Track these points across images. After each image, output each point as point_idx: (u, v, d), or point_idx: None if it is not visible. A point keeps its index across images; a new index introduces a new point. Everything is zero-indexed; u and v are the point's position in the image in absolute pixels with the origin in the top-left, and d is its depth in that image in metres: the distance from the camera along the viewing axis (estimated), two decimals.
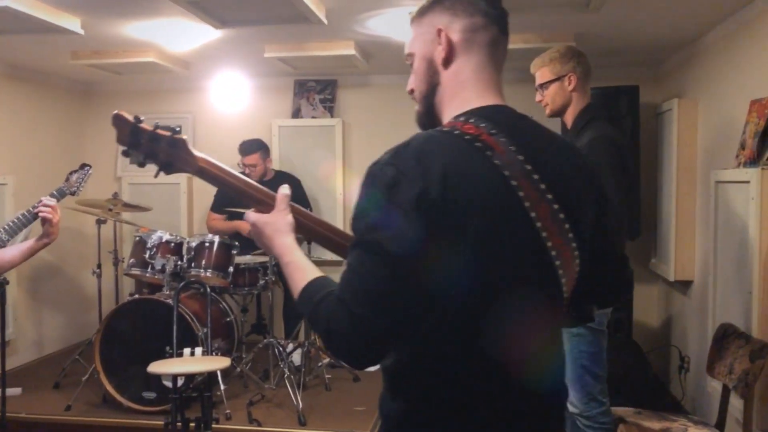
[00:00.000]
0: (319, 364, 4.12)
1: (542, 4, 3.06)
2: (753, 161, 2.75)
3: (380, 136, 4.97)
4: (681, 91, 4.02)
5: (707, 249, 3.32)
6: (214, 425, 3.08)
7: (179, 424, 2.97)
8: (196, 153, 1.30)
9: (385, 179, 1.04)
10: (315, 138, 5.00)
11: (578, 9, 3.08)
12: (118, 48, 3.98)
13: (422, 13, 1.23)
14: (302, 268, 1.19)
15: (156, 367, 2.99)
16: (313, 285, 1.14)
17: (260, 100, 5.10)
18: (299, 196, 4.64)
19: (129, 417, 3.46)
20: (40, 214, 2.50)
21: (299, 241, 1.28)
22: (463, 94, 1.19)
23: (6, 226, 2.56)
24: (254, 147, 4.41)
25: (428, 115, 1.23)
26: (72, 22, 3.26)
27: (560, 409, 1.23)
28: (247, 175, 4.37)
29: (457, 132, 1.10)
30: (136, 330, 3.59)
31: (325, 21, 3.20)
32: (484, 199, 1.06)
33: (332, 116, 4.99)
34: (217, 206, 4.56)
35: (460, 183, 1.04)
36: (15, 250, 2.58)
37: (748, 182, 2.67)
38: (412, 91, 1.26)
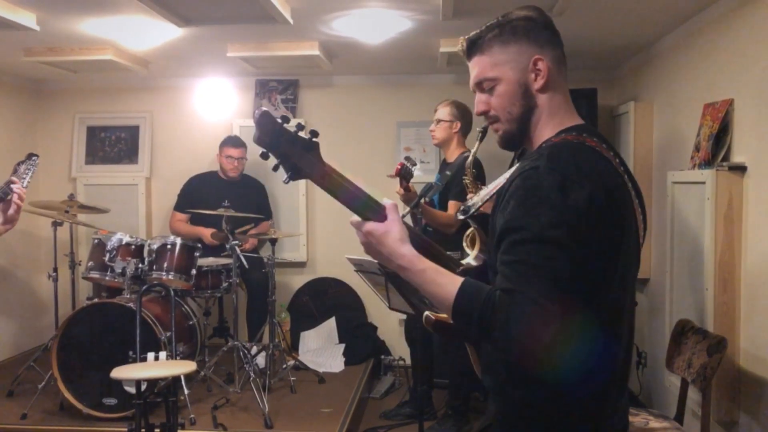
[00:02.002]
0: (284, 366, 4.09)
1: (505, 6, 3.11)
2: (707, 163, 2.86)
3: (343, 137, 4.96)
4: (637, 94, 4.15)
5: (663, 248, 3.44)
6: (179, 430, 3.03)
7: (143, 430, 2.91)
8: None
9: (554, 183, 1.15)
10: None
11: None
12: (74, 45, 3.87)
13: (503, 42, 1.33)
14: (442, 271, 1.23)
15: (120, 373, 2.92)
16: (470, 286, 1.18)
17: (221, 100, 5.03)
18: (262, 202, 4.61)
19: (89, 424, 3.36)
20: (15, 203, 2.45)
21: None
22: (560, 114, 1.34)
23: None
24: (242, 142, 4.50)
25: (521, 133, 1.35)
26: (27, 18, 3.16)
27: None
28: (235, 168, 4.39)
29: (588, 145, 1.24)
30: (95, 335, 3.49)
31: (291, 21, 3.18)
32: (625, 203, 1.24)
33: (294, 116, 4.96)
34: (181, 206, 4.49)
35: (613, 189, 1.20)
36: None
37: (703, 183, 2.77)
38: (485, 113, 1.36)
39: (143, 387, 2.94)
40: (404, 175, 3.04)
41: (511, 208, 1.17)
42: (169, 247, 3.82)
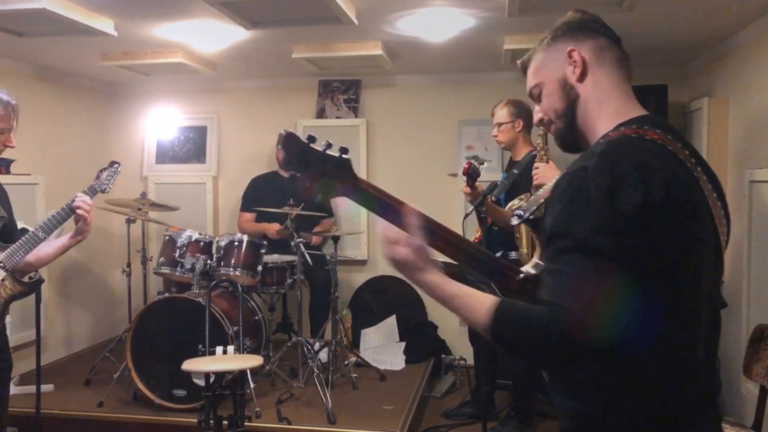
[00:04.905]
0: (346, 362, 4.14)
1: (575, 2, 3.04)
2: None
3: (404, 136, 4.98)
4: (711, 89, 3.98)
5: (739, 249, 3.29)
6: (245, 423, 3.10)
7: (212, 421, 3.00)
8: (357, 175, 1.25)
9: (602, 185, 1.06)
10: (339, 138, 4.93)
11: (611, 8, 3.06)
12: (147, 49, 4.02)
13: (544, 48, 1.32)
14: (470, 294, 1.18)
15: (190, 365, 3.02)
16: (505, 305, 1.12)
17: (285, 101, 5.13)
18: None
19: (161, 414, 3.49)
20: (78, 211, 2.53)
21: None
22: (612, 103, 1.25)
23: (43, 224, 2.57)
24: None
25: (571, 130, 1.30)
26: (105, 24, 3.30)
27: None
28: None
29: (648, 138, 1.15)
30: (166, 328, 3.60)
31: (356, 21, 3.21)
32: (693, 200, 1.15)
33: (356, 116, 5.00)
34: (247, 205, 4.61)
35: (676, 187, 1.10)
36: (50, 247, 2.62)
37: None
38: (541, 121, 1.33)
39: (212, 379, 3.03)
40: (471, 173, 3.02)
41: (557, 211, 1.10)
42: (236, 244, 3.92)
